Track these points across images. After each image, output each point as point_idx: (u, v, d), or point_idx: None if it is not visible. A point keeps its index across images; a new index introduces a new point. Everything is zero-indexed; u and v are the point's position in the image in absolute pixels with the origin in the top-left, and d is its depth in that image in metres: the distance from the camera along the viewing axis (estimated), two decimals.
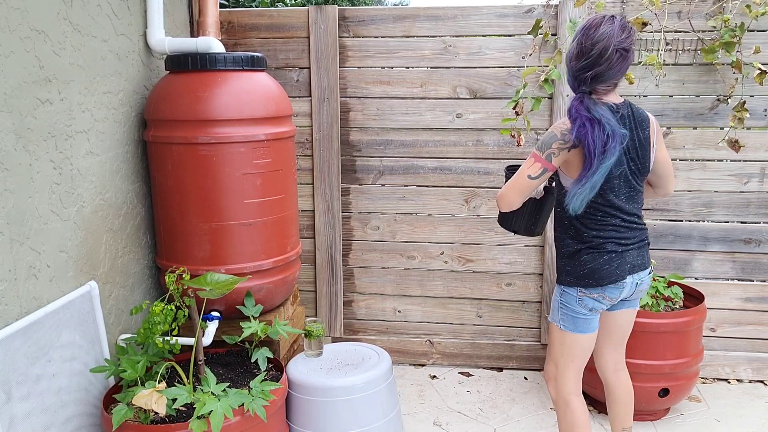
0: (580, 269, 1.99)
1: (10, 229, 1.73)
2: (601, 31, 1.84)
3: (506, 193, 1.99)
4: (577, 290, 2.01)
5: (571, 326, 2.05)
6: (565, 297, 2.05)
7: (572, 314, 2.03)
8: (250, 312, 2.35)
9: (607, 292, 1.99)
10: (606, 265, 1.97)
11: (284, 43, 3.03)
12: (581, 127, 1.87)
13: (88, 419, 2.03)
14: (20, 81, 1.76)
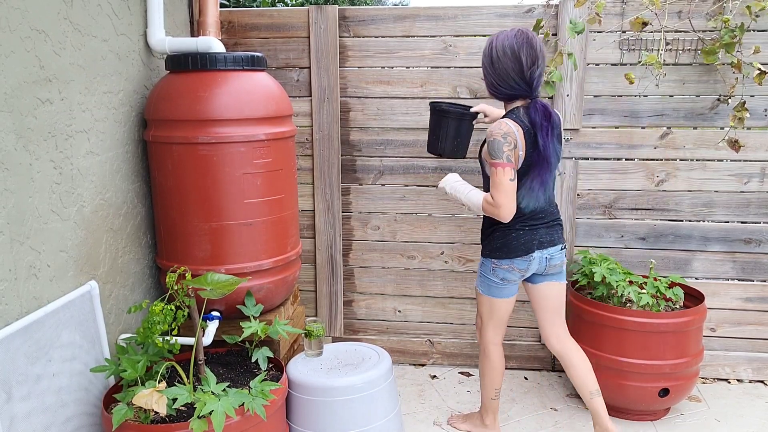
0: (493, 243, 2.34)
1: (10, 228, 1.73)
2: (539, 41, 2.19)
3: (504, 203, 2.19)
4: (490, 261, 2.36)
5: (487, 291, 2.42)
6: (483, 267, 2.41)
7: (488, 282, 2.40)
8: (251, 312, 2.35)
9: (515, 264, 2.32)
10: (514, 241, 2.30)
11: (284, 43, 3.03)
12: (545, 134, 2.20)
13: (88, 419, 2.03)
14: (20, 81, 1.76)
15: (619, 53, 2.88)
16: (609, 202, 3.03)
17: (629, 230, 3.05)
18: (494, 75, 2.20)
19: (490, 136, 2.17)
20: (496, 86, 2.21)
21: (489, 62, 2.20)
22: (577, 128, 2.95)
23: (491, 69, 2.19)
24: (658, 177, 2.98)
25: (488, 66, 2.21)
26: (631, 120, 2.94)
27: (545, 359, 3.23)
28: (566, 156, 2.99)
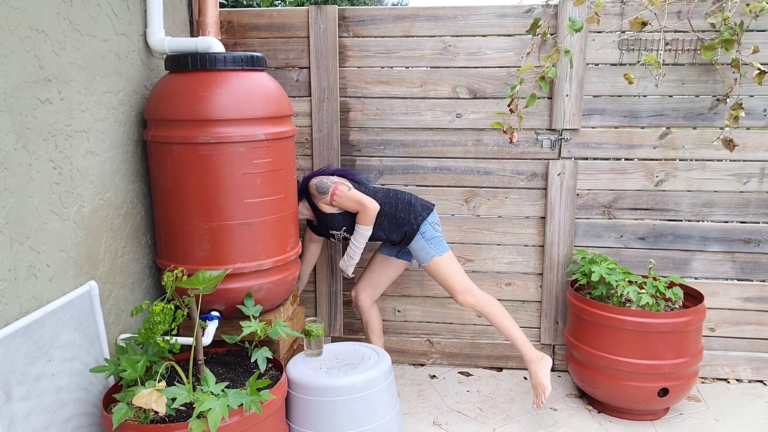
0: (408, 218, 2.69)
1: (9, 228, 1.73)
2: None
3: (367, 201, 2.63)
4: (425, 223, 2.69)
5: (443, 248, 2.70)
6: (425, 236, 2.68)
7: (438, 239, 2.69)
8: (250, 311, 2.35)
9: (431, 217, 2.74)
10: (417, 203, 2.75)
11: (284, 43, 3.03)
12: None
13: (88, 419, 2.03)
14: (20, 81, 1.76)
15: (619, 53, 2.88)
16: (608, 202, 3.03)
17: (629, 230, 3.05)
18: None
19: (312, 188, 2.71)
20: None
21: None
22: (577, 128, 2.95)
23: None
24: (657, 177, 2.98)
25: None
26: (631, 120, 2.95)
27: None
28: (565, 156, 3.00)
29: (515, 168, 3.05)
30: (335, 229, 2.74)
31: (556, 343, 3.20)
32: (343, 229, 2.73)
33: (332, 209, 2.69)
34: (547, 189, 3.03)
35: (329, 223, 2.73)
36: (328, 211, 2.69)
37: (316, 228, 2.85)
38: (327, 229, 2.76)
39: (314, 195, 2.68)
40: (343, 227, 2.72)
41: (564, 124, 2.94)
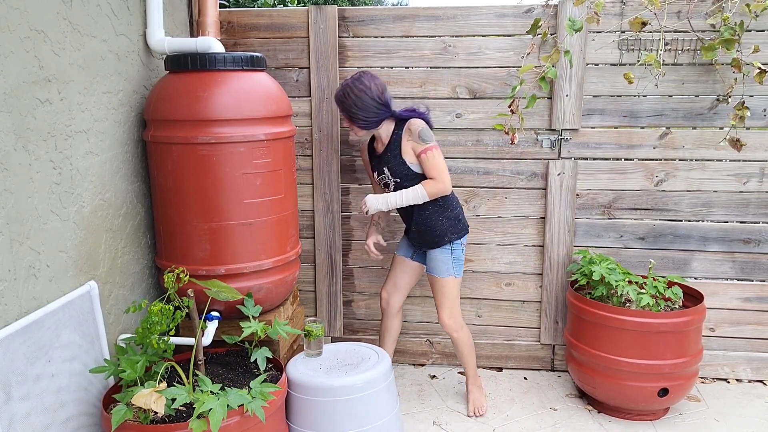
0: (450, 226, 2.64)
1: (9, 228, 1.73)
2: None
3: (446, 178, 2.55)
4: (458, 243, 2.67)
5: (458, 273, 2.70)
6: (452, 253, 2.66)
7: (458, 264, 2.69)
8: (250, 312, 2.35)
9: (465, 239, 2.72)
10: (461, 217, 2.71)
11: (284, 43, 3.03)
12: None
13: (87, 419, 2.03)
14: (20, 81, 1.76)
15: (619, 53, 2.88)
16: (608, 202, 3.03)
17: (628, 230, 3.05)
18: (362, 110, 2.52)
19: (416, 126, 2.55)
20: (368, 119, 2.55)
21: (352, 104, 2.52)
22: (577, 128, 2.95)
23: (357, 108, 2.51)
24: (657, 177, 2.98)
25: (352, 108, 2.52)
26: (631, 120, 2.95)
27: (544, 359, 3.23)
28: (565, 156, 3.00)
29: (515, 168, 3.05)
30: (392, 171, 2.61)
31: (556, 343, 3.20)
32: (395, 179, 2.61)
33: (410, 157, 2.57)
34: (546, 189, 3.03)
35: (393, 164, 2.60)
36: (405, 156, 2.57)
37: (373, 157, 2.74)
38: (384, 165, 2.63)
39: (411, 133, 2.55)
40: (398, 177, 2.61)
41: (564, 124, 2.94)
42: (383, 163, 2.64)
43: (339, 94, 2.55)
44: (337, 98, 2.56)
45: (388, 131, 2.63)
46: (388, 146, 2.62)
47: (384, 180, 2.67)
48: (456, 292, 2.71)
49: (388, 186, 2.67)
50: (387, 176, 2.64)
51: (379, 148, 2.67)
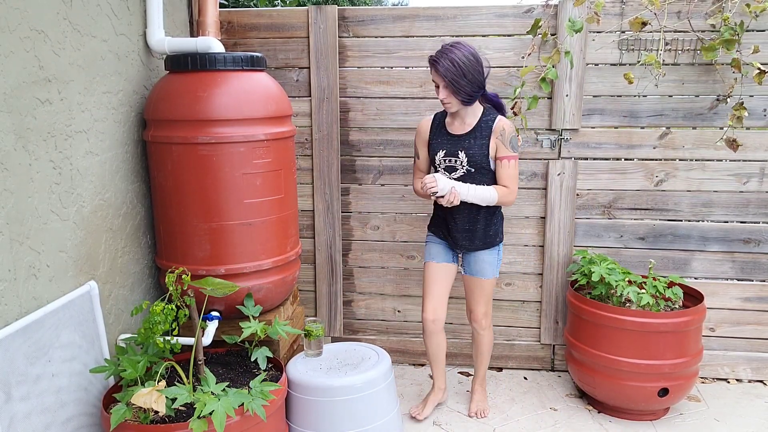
0: (496, 230, 2.62)
1: (9, 228, 1.73)
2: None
3: (516, 190, 2.52)
4: (501, 245, 2.67)
5: (497, 274, 2.69)
6: (498, 255, 2.64)
7: (498, 266, 2.67)
8: (250, 312, 2.35)
9: None
10: (502, 224, 2.69)
11: (284, 43, 3.03)
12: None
13: (87, 419, 2.03)
14: (20, 81, 1.76)
15: (619, 53, 2.88)
16: (608, 202, 3.03)
17: (628, 230, 3.05)
18: (469, 83, 2.35)
19: (510, 130, 2.46)
20: (472, 93, 2.38)
21: (461, 74, 2.33)
22: (577, 128, 2.95)
23: (466, 80, 2.34)
24: (657, 177, 2.98)
25: (461, 78, 2.34)
26: (631, 120, 2.95)
27: (544, 359, 3.23)
28: (565, 156, 3.00)
29: None
30: (471, 158, 2.45)
31: (556, 343, 3.20)
32: (469, 167, 2.46)
33: (492, 152, 2.46)
34: (546, 189, 3.03)
35: (475, 152, 2.45)
36: (489, 149, 2.45)
37: (442, 135, 2.53)
38: (462, 149, 2.47)
39: (504, 134, 2.43)
40: (473, 166, 2.46)
41: (564, 124, 2.94)
42: (460, 145, 2.47)
43: (451, 59, 2.32)
44: (451, 62, 2.32)
45: (475, 113, 2.48)
46: (475, 130, 2.47)
47: (450, 164, 2.49)
48: (492, 293, 2.71)
49: (451, 171, 2.51)
50: (460, 161, 2.47)
51: (458, 128, 2.50)
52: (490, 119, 2.46)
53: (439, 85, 2.39)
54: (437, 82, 2.39)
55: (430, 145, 2.56)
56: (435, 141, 2.54)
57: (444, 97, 2.39)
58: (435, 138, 2.55)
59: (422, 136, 2.60)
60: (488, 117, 2.47)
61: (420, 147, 2.62)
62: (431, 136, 2.56)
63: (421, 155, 2.63)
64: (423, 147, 2.61)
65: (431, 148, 2.55)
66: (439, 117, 2.58)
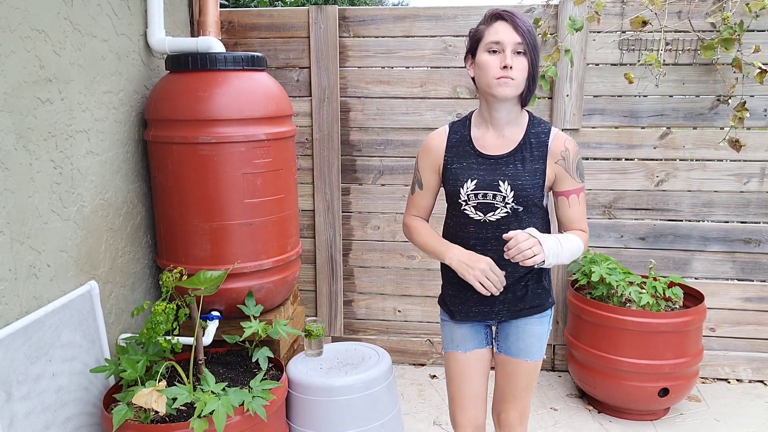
0: (547, 289, 1.83)
1: (10, 228, 1.73)
2: None
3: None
4: (551, 310, 1.86)
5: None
6: (547, 325, 1.84)
7: (545, 341, 1.87)
8: (251, 312, 2.35)
9: None
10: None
11: (284, 43, 3.03)
12: None
13: (88, 419, 2.03)
14: (21, 81, 1.76)
15: (619, 53, 2.88)
16: (609, 202, 3.03)
17: (629, 230, 3.05)
18: (536, 69, 1.65)
19: (575, 150, 1.69)
20: (533, 86, 1.66)
21: (537, 44, 1.63)
22: (577, 128, 2.95)
23: (538, 56, 1.64)
24: (657, 177, 2.98)
25: (537, 50, 1.63)
26: (631, 120, 2.94)
27: (545, 359, 3.23)
28: None
29: None
30: (518, 191, 1.66)
31: (556, 343, 3.20)
32: (516, 204, 1.67)
33: (549, 183, 1.70)
34: None
35: (525, 182, 1.67)
36: (544, 178, 1.68)
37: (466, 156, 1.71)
38: (503, 177, 1.67)
39: (567, 155, 1.67)
40: (522, 203, 1.67)
41: (564, 124, 2.94)
42: (501, 173, 1.68)
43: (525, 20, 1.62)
44: (528, 23, 1.61)
45: (520, 122, 1.70)
46: (521, 149, 1.68)
47: (486, 200, 1.69)
48: (534, 379, 1.93)
49: (486, 210, 1.69)
50: (502, 195, 1.67)
51: (495, 144, 1.70)
52: (542, 132, 1.69)
53: (505, 50, 1.58)
54: (506, 44, 1.58)
55: (449, 171, 1.73)
56: (457, 165, 1.72)
57: (517, 70, 1.59)
58: (456, 160, 1.72)
59: (433, 157, 1.76)
60: (538, 129, 1.70)
61: (426, 172, 1.79)
62: (449, 157, 1.73)
63: (427, 184, 1.80)
64: (433, 173, 1.78)
65: (450, 177, 1.72)
66: (458, 128, 1.76)
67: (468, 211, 1.72)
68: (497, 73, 1.59)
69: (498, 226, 1.69)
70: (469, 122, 1.76)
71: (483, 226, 1.72)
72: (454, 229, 1.78)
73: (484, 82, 1.63)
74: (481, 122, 1.73)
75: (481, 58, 1.63)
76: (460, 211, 1.73)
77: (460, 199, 1.71)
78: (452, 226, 1.79)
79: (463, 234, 1.75)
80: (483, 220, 1.71)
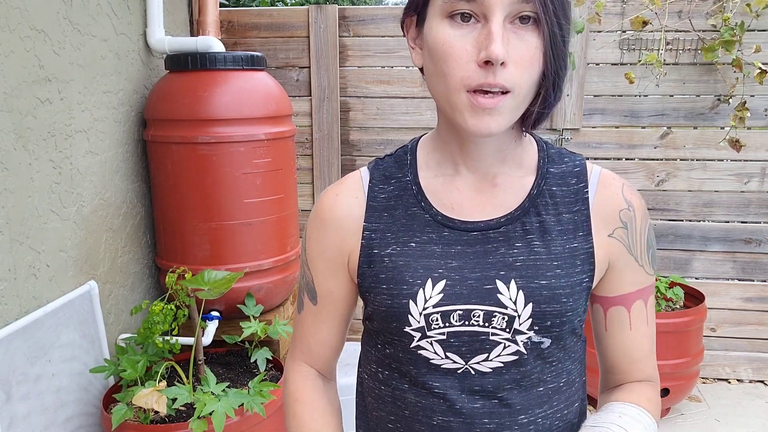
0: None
1: (9, 228, 1.73)
2: None
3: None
4: None
5: None
6: None
7: None
8: (250, 312, 2.34)
9: None
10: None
11: (284, 43, 3.03)
12: None
13: (87, 419, 2.02)
14: (20, 80, 1.76)
15: (620, 53, 2.87)
16: None
17: None
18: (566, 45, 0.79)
19: (641, 214, 0.86)
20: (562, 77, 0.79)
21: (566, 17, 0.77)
22: (577, 128, 2.94)
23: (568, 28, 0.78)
24: (658, 177, 2.98)
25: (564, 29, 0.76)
26: (632, 120, 2.94)
27: None
28: None
29: None
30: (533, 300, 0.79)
31: None
32: (542, 335, 0.80)
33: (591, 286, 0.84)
34: None
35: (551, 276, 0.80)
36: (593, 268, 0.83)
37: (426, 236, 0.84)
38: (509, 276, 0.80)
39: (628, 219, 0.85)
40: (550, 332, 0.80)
41: (565, 124, 2.94)
42: (495, 261, 0.81)
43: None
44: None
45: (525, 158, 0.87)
46: (535, 209, 0.83)
47: (466, 328, 0.80)
48: None
49: (463, 352, 0.81)
50: (502, 315, 0.79)
51: (475, 202, 0.84)
52: (571, 173, 0.87)
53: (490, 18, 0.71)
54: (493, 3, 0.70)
55: (376, 264, 0.85)
56: (396, 250, 0.84)
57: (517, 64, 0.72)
58: (394, 239, 0.85)
59: (333, 239, 0.89)
60: (563, 167, 0.87)
61: (321, 272, 0.92)
62: (373, 234, 0.86)
63: (325, 293, 0.95)
64: (336, 272, 0.91)
65: (381, 278, 0.84)
66: (390, 170, 0.89)
67: (426, 352, 0.83)
68: (471, 77, 0.73)
69: (496, 385, 0.82)
70: (413, 157, 0.89)
71: (461, 387, 0.83)
72: (388, 397, 0.91)
73: (440, 91, 0.77)
74: (442, 158, 0.87)
75: (435, 34, 0.75)
76: (407, 353, 0.85)
77: (407, 327, 0.83)
78: (385, 392, 0.92)
79: (411, 410, 0.86)
80: (461, 372, 0.82)
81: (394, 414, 0.87)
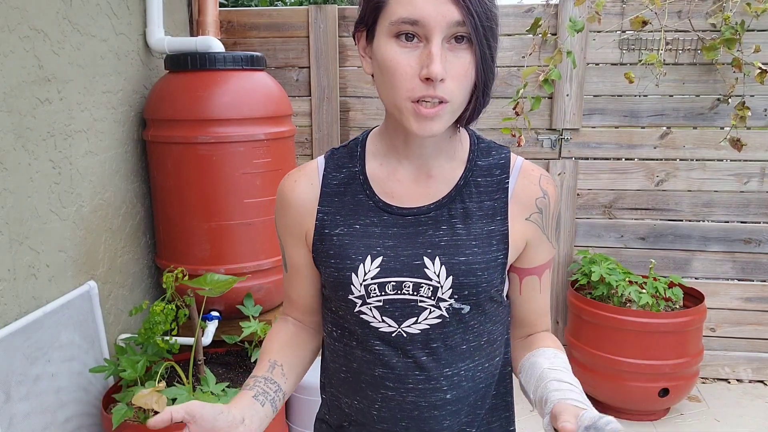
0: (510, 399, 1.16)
1: (9, 228, 1.73)
2: None
3: None
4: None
5: None
6: None
7: None
8: (250, 312, 2.34)
9: None
10: None
11: (284, 43, 3.03)
12: None
13: (87, 419, 2.02)
14: (20, 80, 1.76)
15: (619, 53, 2.87)
16: (609, 201, 3.03)
17: (629, 230, 3.05)
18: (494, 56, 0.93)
19: (554, 200, 1.01)
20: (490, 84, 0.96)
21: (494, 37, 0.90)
22: (577, 128, 2.94)
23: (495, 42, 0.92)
24: (657, 177, 2.98)
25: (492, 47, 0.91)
26: (631, 120, 2.94)
27: None
28: (566, 156, 2.99)
29: None
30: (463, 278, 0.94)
31: None
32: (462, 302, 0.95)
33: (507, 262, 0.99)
34: None
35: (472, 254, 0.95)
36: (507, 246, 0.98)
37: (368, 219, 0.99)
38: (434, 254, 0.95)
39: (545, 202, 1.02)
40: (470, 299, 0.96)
41: (564, 124, 2.94)
42: (424, 240, 0.96)
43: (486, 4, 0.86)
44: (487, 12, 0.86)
45: (458, 151, 1.01)
46: (459, 197, 0.98)
47: (399, 295, 0.95)
48: None
49: (402, 317, 0.95)
50: (428, 286, 0.94)
51: (411, 191, 0.99)
52: (497, 165, 1.01)
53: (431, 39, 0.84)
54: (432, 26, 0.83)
55: (327, 242, 0.99)
56: (343, 231, 0.99)
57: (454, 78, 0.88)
58: (342, 221, 0.99)
59: (294, 219, 1.05)
60: (490, 159, 1.01)
61: (289, 245, 1.07)
62: (326, 217, 1.00)
63: (293, 262, 1.07)
64: (298, 246, 1.05)
65: (331, 254, 0.98)
66: (342, 161, 1.03)
67: (366, 316, 0.96)
68: (415, 89, 0.85)
69: (424, 343, 0.95)
70: (363, 149, 1.02)
71: (395, 345, 0.96)
72: (341, 351, 1.03)
73: (389, 98, 0.90)
74: (388, 150, 1.00)
75: (383, 51, 0.87)
76: (352, 316, 0.97)
77: (350, 295, 0.95)
78: (338, 347, 1.03)
79: (358, 362, 1.00)
80: (395, 335, 0.95)
81: (346, 366, 1.03)
